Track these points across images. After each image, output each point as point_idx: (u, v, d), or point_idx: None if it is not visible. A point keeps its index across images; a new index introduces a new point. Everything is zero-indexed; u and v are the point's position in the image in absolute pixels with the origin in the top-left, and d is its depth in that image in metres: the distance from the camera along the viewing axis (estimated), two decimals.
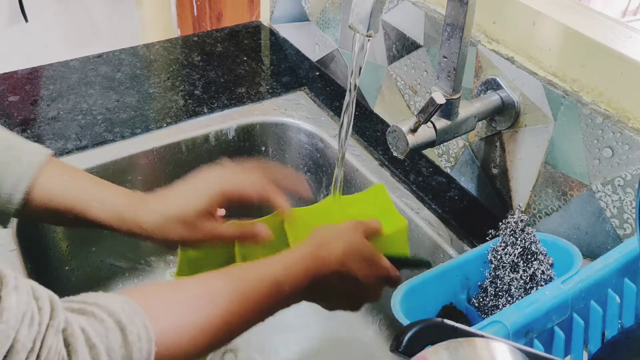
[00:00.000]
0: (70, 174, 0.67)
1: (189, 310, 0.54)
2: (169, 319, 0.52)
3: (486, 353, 0.44)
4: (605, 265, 0.62)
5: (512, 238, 0.75)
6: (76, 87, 1.12)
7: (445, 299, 0.75)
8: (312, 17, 1.22)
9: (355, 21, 0.67)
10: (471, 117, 0.80)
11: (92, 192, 0.66)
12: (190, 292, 0.55)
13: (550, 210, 0.83)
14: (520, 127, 0.84)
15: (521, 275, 0.73)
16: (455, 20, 0.72)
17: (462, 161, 0.95)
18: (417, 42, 0.96)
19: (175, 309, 0.53)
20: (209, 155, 1.05)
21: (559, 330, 0.59)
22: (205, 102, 1.10)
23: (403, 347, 0.46)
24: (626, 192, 0.72)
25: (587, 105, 0.75)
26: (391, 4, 0.99)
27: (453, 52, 0.74)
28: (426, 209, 0.93)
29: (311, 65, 1.24)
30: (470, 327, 0.49)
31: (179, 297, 0.55)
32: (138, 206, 0.67)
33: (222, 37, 1.31)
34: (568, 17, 0.78)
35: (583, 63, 0.76)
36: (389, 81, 1.05)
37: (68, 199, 0.65)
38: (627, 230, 0.73)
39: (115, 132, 1.01)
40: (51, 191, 0.64)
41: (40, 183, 0.63)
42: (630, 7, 1.45)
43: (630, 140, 0.70)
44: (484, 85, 0.86)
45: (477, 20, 0.86)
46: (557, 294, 0.59)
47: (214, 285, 0.57)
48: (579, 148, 0.76)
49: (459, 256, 0.76)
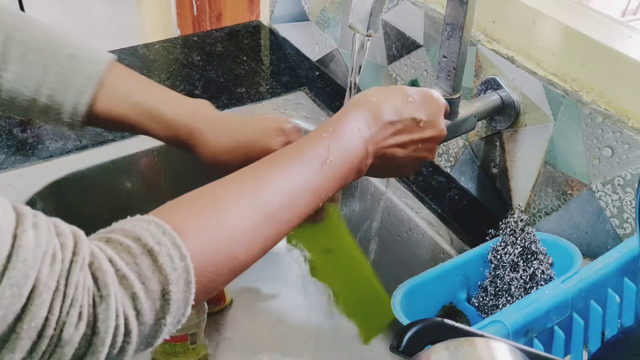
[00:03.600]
0: (132, 82, 0.67)
1: (222, 213, 0.49)
2: (203, 230, 0.47)
3: (486, 352, 0.44)
4: (605, 265, 0.62)
5: (512, 238, 0.75)
6: None
7: (445, 298, 0.75)
8: (312, 16, 1.22)
9: (355, 21, 0.67)
10: (471, 116, 0.80)
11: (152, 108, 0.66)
12: (221, 194, 0.51)
13: (550, 210, 0.83)
14: (520, 127, 0.84)
15: (521, 274, 0.73)
16: (455, 19, 0.72)
17: (462, 161, 0.95)
18: (417, 41, 0.96)
19: (207, 216, 0.48)
20: None
21: (559, 330, 0.59)
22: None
23: (403, 346, 0.46)
24: (626, 192, 0.72)
25: (587, 104, 0.75)
26: (391, 4, 0.99)
27: (453, 52, 0.74)
28: (426, 209, 0.92)
29: (311, 65, 1.24)
30: (470, 327, 0.49)
31: (209, 203, 0.49)
32: (201, 128, 0.67)
33: (222, 36, 1.31)
34: (568, 17, 0.78)
35: (583, 63, 0.76)
36: (388, 81, 1.05)
37: (128, 114, 0.66)
38: (627, 230, 0.73)
39: (115, 132, 1.01)
40: (111, 104, 0.65)
41: (102, 94, 0.64)
42: (630, 7, 1.45)
43: (630, 139, 0.70)
44: (484, 85, 0.86)
45: (477, 20, 0.86)
46: (557, 294, 0.59)
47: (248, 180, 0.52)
48: (578, 147, 0.76)
49: (459, 256, 0.76)
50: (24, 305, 0.37)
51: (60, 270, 0.39)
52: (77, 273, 0.39)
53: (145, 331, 0.43)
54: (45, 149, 0.97)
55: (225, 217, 0.49)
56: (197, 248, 0.46)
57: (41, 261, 0.38)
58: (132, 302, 0.42)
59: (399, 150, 0.64)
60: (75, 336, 0.39)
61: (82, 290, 0.39)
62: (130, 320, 0.41)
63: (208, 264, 0.47)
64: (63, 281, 0.38)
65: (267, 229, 0.51)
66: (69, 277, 0.39)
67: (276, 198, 0.52)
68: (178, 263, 0.44)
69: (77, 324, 0.39)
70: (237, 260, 0.49)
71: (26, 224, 0.38)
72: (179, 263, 0.44)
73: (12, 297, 0.36)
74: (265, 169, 0.54)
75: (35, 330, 0.37)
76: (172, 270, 0.43)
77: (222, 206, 0.50)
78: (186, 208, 0.49)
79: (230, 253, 0.49)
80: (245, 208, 0.50)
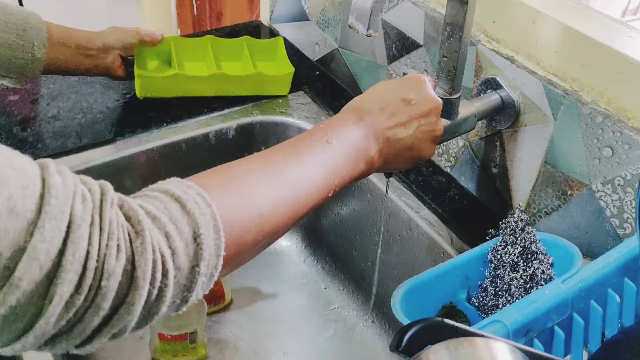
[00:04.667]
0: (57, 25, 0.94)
1: (242, 179, 0.52)
2: (226, 190, 0.50)
3: (486, 352, 0.44)
4: (605, 265, 0.62)
5: (512, 237, 0.75)
6: (76, 85, 1.12)
7: (445, 298, 0.75)
8: (312, 16, 1.21)
9: (355, 20, 0.67)
10: (471, 116, 0.80)
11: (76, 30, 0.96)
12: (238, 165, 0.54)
13: (550, 210, 0.83)
14: (520, 127, 0.84)
15: (521, 274, 0.73)
16: (455, 19, 0.72)
17: (462, 161, 0.95)
18: (417, 41, 0.96)
19: (229, 179, 0.52)
20: (209, 154, 1.05)
21: (559, 330, 0.59)
22: (205, 102, 1.10)
23: (403, 346, 0.46)
24: (626, 192, 0.72)
25: (587, 104, 0.75)
26: (391, 4, 0.99)
27: (453, 52, 0.74)
28: (426, 209, 0.92)
29: (311, 64, 1.24)
30: (470, 327, 0.49)
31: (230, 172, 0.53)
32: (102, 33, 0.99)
33: (222, 36, 1.30)
34: (568, 17, 0.78)
35: (583, 62, 0.76)
36: None
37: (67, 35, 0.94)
38: (627, 230, 0.73)
39: (115, 131, 1.01)
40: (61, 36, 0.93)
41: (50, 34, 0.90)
42: (630, 7, 1.45)
43: (630, 139, 0.70)
44: (484, 85, 0.86)
45: (477, 20, 0.86)
46: (557, 294, 0.59)
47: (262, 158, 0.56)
48: (579, 147, 0.76)
49: (459, 256, 0.76)
50: (65, 238, 0.37)
51: (93, 207, 0.40)
52: (109, 210, 0.40)
53: (181, 280, 0.44)
54: (45, 148, 0.97)
55: (246, 181, 0.52)
56: (222, 202, 0.48)
57: (72, 199, 0.39)
58: (167, 240, 0.42)
59: (402, 130, 0.66)
60: (118, 268, 0.39)
61: (117, 225, 0.40)
62: (167, 258, 0.42)
63: (233, 218, 0.48)
64: (97, 216, 0.39)
65: (286, 193, 0.54)
66: (102, 213, 0.40)
67: (290, 170, 0.56)
68: (205, 209, 0.45)
69: (117, 255, 0.40)
70: (262, 218, 0.51)
71: (51, 170, 0.39)
72: (205, 209, 0.45)
73: (51, 230, 0.37)
74: (275, 153, 0.58)
75: (80, 262, 0.38)
76: (201, 215, 0.45)
77: (240, 173, 0.53)
78: (208, 175, 0.52)
79: (253, 209, 0.51)
80: (262, 175, 0.54)
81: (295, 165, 0.57)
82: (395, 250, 0.95)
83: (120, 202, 0.42)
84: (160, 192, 0.46)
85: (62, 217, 0.37)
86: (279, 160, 0.56)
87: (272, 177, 0.54)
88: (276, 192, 0.53)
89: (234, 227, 0.48)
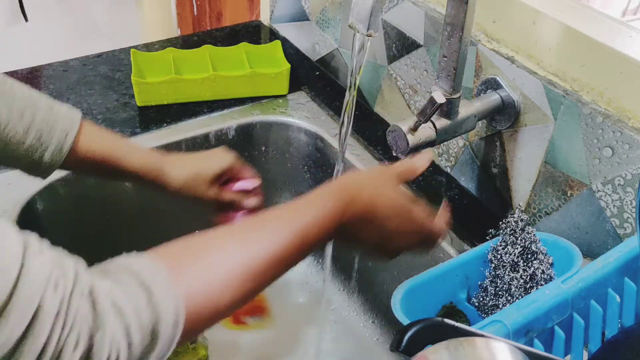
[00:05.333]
0: (103, 131, 0.77)
1: (216, 262, 0.52)
2: (197, 275, 0.50)
3: (486, 352, 0.44)
4: (606, 265, 0.62)
5: (512, 237, 0.75)
6: (76, 86, 1.12)
7: (446, 298, 0.75)
8: (312, 16, 1.21)
9: (356, 20, 0.67)
10: (471, 116, 0.80)
11: (125, 146, 0.78)
12: (215, 245, 0.54)
13: (550, 210, 0.83)
14: (520, 127, 0.84)
15: (521, 274, 0.73)
16: (455, 19, 0.72)
17: (462, 161, 0.95)
18: (417, 41, 0.96)
19: (202, 264, 0.51)
20: None
21: (559, 330, 0.59)
22: (205, 102, 1.10)
23: (403, 346, 0.46)
24: (626, 192, 0.72)
25: (587, 104, 0.74)
26: (391, 3, 0.99)
27: (453, 52, 0.74)
28: None
29: (311, 64, 1.24)
30: (470, 327, 0.49)
31: (205, 252, 0.53)
32: (165, 160, 0.80)
33: (222, 36, 1.30)
34: (568, 17, 0.78)
35: (583, 62, 0.76)
36: (389, 81, 1.05)
37: (106, 150, 0.75)
38: (627, 230, 0.73)
39: (115, 132, 1.01)
40: (92, 143, 0.74)
41: (83, 136, 0.73)
42: (630, 7, 1.45)
43: (631, 139, 0.70)
44: (484, 85, 0.86)
45: (477, 20, 0.86)
46: (557, 294, 0.59)
47: (239, 234, 0.55)
48: (579, 147, 0.76)
49: (459, 256, 0.76)
50: (27, 329, 0.38)
51: (62, 297, 0.40)
52: (77, 301, 0.41)
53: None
54: None
55: (219, 266, 0.52)
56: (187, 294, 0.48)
57: (45, 286, 0.39)
58: (126, 334, 0.43)
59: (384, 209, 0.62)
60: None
61: (81, 318, 0.41)
62: (122, 352, 0.43)
63: (196, 307, 0.49)
64: (64, 307, 0.40)
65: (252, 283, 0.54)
66: (69, 304, 0.40)
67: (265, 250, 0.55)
68: (170, 303, 0.46)
69: (74, 350, 0.40)
70: (219, 313, 0.52)
71: (32, 250, 0.40)
72: (170, 304, 0.46)
73: (16, 319, 0.37)
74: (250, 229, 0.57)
75: (35, 354, 0.38)
76: (165, 309, 0.45)
77: (211, 252, 0.53)
78: (179, 252, 0.52)
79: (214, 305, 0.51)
80: (236, 262, 0.53)
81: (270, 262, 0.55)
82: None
83: (90, 289, 0.43)
84: (131, 275, 0.46)
85: (30, 307, 0.38)
86: (253, 238, 0.55)
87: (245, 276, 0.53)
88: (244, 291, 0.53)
89: (190, 319, 0.48)
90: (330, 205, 0.59)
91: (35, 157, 0.70)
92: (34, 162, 0.70)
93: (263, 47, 1.18)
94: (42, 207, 0.92)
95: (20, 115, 0.68)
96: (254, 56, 1.16)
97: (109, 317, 0.42)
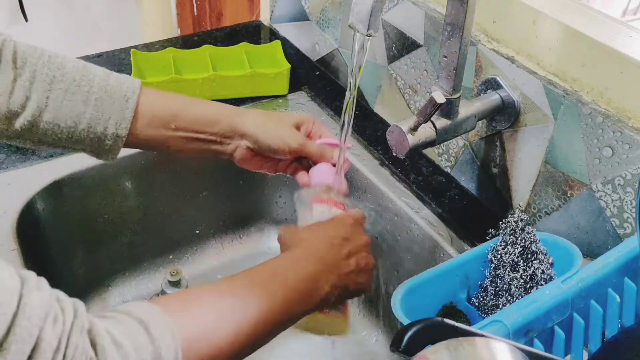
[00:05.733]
0: (164, 94, 0.71)
1: (215, 315, 0.53)
2: (193, 322, 0.51)
3: (486, 352, 0.44)
4: (606, 265, 0.62)
5: (512, 237, 0.75)
6: None
7: (446, 298, 0.75)
8: (312, 16, 1.22)
9: (356, 20, 0.67)
10: (471, 116, 0.80)
11: (187, 99, 0.72)
12: (214, 298, 0.55)
13: (550, 210, 0.83)
14: (520, 127, 0.84)
15: (521, 274, 0.73)
16: (455, 19, 0.72)
17: (462, 161, 0.95)
18: (417, 41, 0.96)
19: (199, 313, 0.52)
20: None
21: (559, 330, 0.59)
22: None
23: (403, 346, 0.46)
24: (626, 192, 0.72)
25: (587, 104, 0.74)
26: (391, 3, 0.99)
27: (453, 52, 0.74)
28: (426, 209, 0.92)
29: (311, 64, 1.24)
30: (471, 327, 0.49)
31: (198, 299, 0.54)
32: (235, 110, 0.73)
33: (222, 36, 1.30)
34: (568, 17, 0.78)
35: (583, 62, 0.76)
36: (389, 81, 1.05)
37: (170, 106, 0.69)
38: (627, 230, 0.73)
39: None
40: (155, 101, 0.69)
41: (144, 97, 0.68)
42: (630, 7, 1.45)
43: (631, 139, 0.70)
44: (484, 85, 0.86)
45: (477, 20, 0.86)
46: (557, 294, 0.59)
47: (238, 290, 0.57)
48: (579, 147, 0.76)
49: (459, 256, 0.76)
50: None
51: (62, 331, 0.40)
52: (77, 335, 0.41)
53: None
54: (44, 151, 0.97)
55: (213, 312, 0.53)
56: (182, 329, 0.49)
57: (44, 320, 0.39)
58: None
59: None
60: None
61: (81, 352, 0.41)
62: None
63: (190, 350, 0.49)
64: (64, 342, 0.40)
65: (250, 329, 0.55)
66: (69, 338, 0.40)
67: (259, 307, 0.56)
68: (170, 341, 0.46)
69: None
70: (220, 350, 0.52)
71: (31, 286, 0.40)
72: (171, 341, 0.46)
73: (16, 353, 0.37)
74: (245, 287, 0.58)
75: None
76: (165, 345, 0.46)
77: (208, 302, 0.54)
78: (174, 301, 0.53)
79: (212, 343, 0.52)
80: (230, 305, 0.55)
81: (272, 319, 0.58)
82: (395, 251, 0.95)
83: (90, 325, 0.43)
84: (129, 316, 0.46)
85: (29, 340, 0.38)
86: (250, 295, 0.56)
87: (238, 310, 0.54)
88: (243, 345, 0.54)
89: (190, 352, 0.49)
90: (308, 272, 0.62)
91: (98, 130, 0.66)
92: (98, 138, 0.66)
93: (263, 47, 1.18)
94: (42, 207, 0.92)
95: (77, 85, 0.65)
96: (254, 56, 1.16)
97: (111, 352, 0.42)
